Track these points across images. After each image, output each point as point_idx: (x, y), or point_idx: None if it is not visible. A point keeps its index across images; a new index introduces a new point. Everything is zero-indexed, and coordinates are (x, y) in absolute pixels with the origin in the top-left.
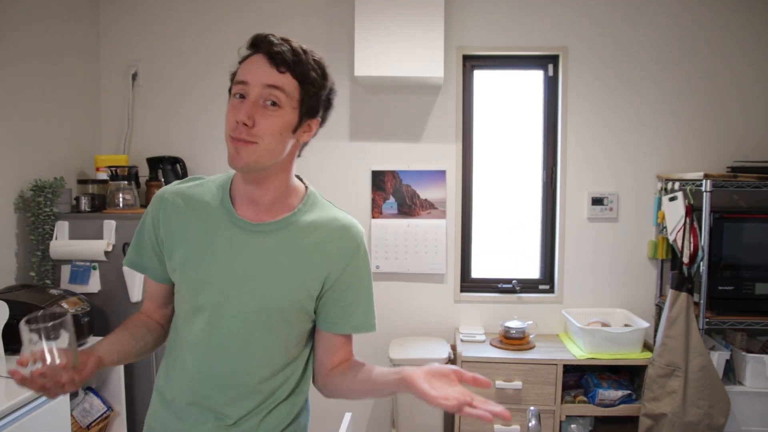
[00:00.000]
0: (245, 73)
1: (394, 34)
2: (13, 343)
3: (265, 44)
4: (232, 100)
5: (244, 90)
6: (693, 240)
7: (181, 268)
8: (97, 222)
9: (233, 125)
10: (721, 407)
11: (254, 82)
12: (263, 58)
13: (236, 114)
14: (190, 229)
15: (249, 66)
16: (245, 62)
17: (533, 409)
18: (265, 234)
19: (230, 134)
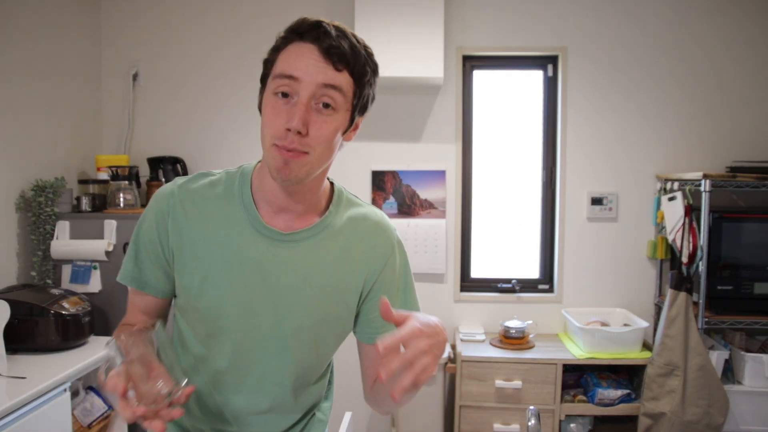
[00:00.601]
0: (294, 67)
1: (394, 34)
2: (14, 342)
3: (319, 34)
4: (273, 98)
5: (290, 87)
6: (692, 240)
7: (200, 285)
8: (97, 222)
9: (280, 132)
10: (720, 406)
11: (307, 79)
12: (315, 50)
13: (286, 119)
14: (208, 240)
15: (298, 58)
16: (289, 51)
17: (533, 409)
18: (297, 243)
19: (275, 142)
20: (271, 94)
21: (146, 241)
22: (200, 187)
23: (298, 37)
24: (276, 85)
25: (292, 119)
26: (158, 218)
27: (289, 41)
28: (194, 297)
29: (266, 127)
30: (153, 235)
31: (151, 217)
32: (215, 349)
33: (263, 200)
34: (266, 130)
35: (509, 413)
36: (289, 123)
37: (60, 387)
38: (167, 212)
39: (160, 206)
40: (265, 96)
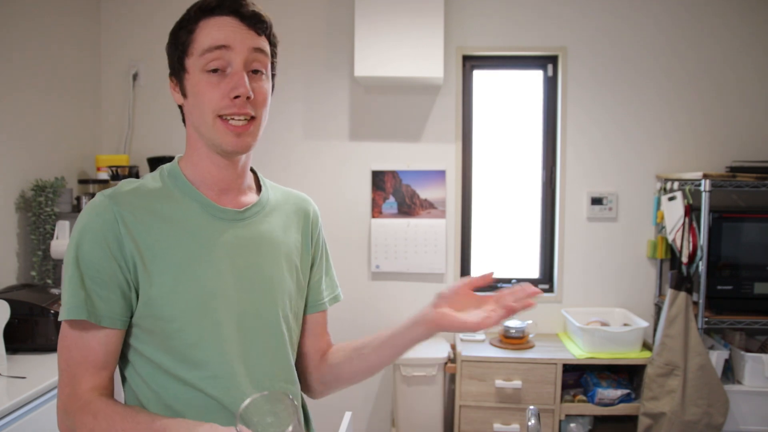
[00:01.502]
0: (223, 37)
1: (394, 34)
2: (14, 342)
3: (235, 4)
4: (205, 75)
5: (222, 59)
6: (692, 239)
7: (173, 288)
8: None
9: (225, 102)
10: (720, 406)
11: (239, 47)
12: (235, 19)
13: (229, 89)
14: (168, 239)
15: (222, 29)
16: (208, 26)
17: (533, 409)
18: (251, 219)
19: (221, 112)
20: (200, 72)
21: (94, 263)
22: (135, 190)
23: (210, 12)
24: (206, 60)
25: (238, 86)
26: (105, 233)
27: (199, 19)
28: (168, 304)
29: (206, 103)
30: (102, 254)
31: (93, 236)
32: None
33: (204, 186)
34: (207, 106)
35: (509, 413)
36: (237, 90)
37: None
38: (114, 223)
39: (102, 219)
40: (192, 77)
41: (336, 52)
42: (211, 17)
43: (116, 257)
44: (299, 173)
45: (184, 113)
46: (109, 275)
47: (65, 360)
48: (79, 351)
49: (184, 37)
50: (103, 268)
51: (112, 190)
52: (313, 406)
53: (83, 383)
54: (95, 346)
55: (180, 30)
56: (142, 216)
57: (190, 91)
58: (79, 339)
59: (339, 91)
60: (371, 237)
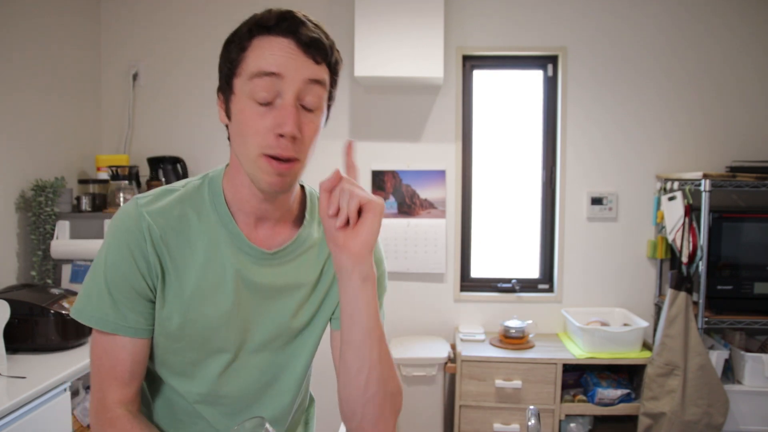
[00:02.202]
0: (273, 63)
1: (394, 34)
2: (14, 342)
3: (294, 25)
4: (252, 103)
5: (272, 87)
6: (692, 239)
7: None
8: (97, 222)
9: (269, 140)
10: (720, 406)
11: (291, 76)
12: (292, 43)
13: (275, 123)
14: (190, 262)
15: (275, 53)
16: (261, 47)
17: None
18: (283, 260)
19: (265, 152)
20: (247, 98)
21: (120, 274)
22: (168, 205)
23: (266, 30)
24: (254, 86)
25: (284, 123)
26: (133, 247)
27: (253, 36)
28: (178, 325)
29: (250, 135)
30: (128, 266)
31: (122, 249)
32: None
33: (240, 211)
34: (251, 139)
35: (509, 413)
36: (282, 128)
37: (60, 387)
38: (143, 238)
39: (131, 234)
40: (239, 101)
41: None
42: (267, 36)
43: (141, 269)
44: None
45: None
46: (135, 286)
47: (96, 366)
48: (108, 360)
49: (234, 54)
50: (129, 280)
51: (147, 201)
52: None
53: (111, 394)
54: (124, 356)
55: (232, 44)
56: (169, 237)
57: (234, 115)
58: (108, 348)
59: (339, 91)
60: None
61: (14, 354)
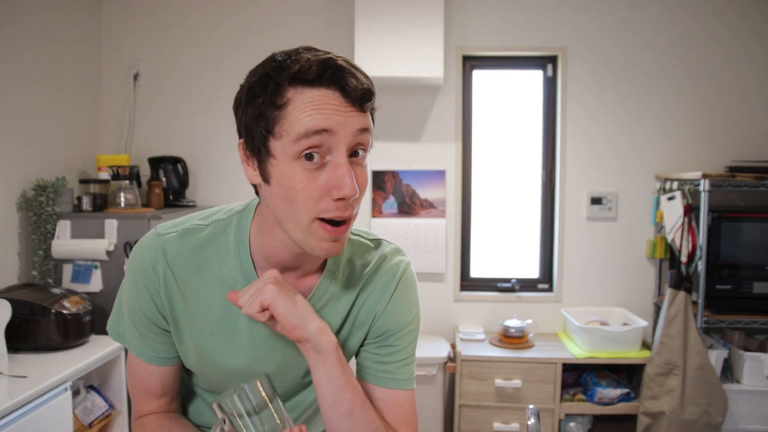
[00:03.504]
0: (324, 120)
1: (394, 35)
2: (15, 341)
3: (340, 75)
4: (300, 164)
5: (324, 144)
6: (691, 239)
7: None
8: (98, 221)
9: (328, 204)
10: (719, 405)
11: (343, 131)
12: (338, 94)
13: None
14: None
15: (322, 107)
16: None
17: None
18: None
19: (320, 216)
20: (292, 161)
21: (139, 311)
22: (190, 249)
23: (305, 83)
24: (302, 146)
25: (342, 185)
26: (150, 287)
27: (289, 88)
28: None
29: (303, 201)
30: (149, 305)
31: (140, 287)
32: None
33: (265, 261)
34: (303, 205)
35: (509, 412)
36: (342, 190)
37: (61, 386)
38: (158, 282)
39: (147, 275)
40: (282, 165)
41: (336, 52)
42: (308, 88)
43: (159, 307)
44: None
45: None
46: (155, 322)
47: (131, 384)
48: (140, 381)
49: (269, 112)
50: (149, 316)
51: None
52: None
53: (144, 408)
54: (153, 381)
55: (262, 98)
56: (186, 284)
57: (276, 180)
58: (139, 370)
59: None
60: None
61: (15, 353)
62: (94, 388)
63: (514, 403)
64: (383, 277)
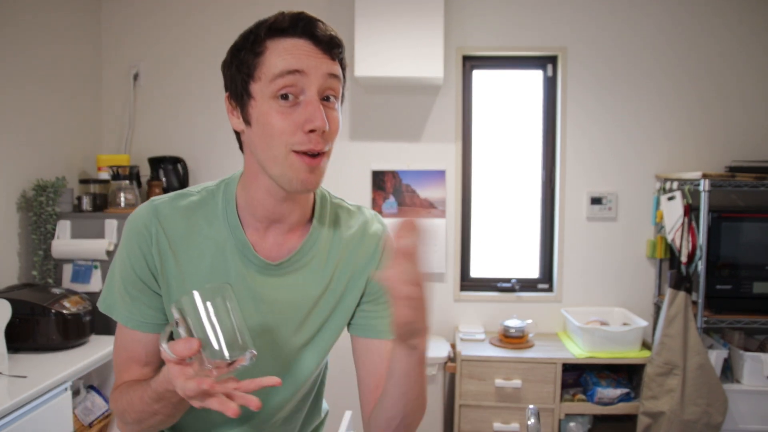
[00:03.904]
0: (297, 61)
1: (394, 35)
2: (15, 341)
3: (309, 26)
4: (276, 102)
5: (297, 84)
6: (691, 239)
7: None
8: (98, 221)
9: (301, 137)
10: (719, 405)
11: (314, 72)
12: (309, 42)
13: (304, 120)
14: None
15: (295, 52)
16: (279, 49)
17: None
18: (287, 270)
19: (295, 149)
20: (270, 99)
21: (134, 274)
22: (180, 210)
23: (281, 33)
24: (278, 86)
25: (313, 118)
26: (143, 248)
27: (267, 39)
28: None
29: (278, 134)
30: (140, 266)
31: (134, 248)
32: None
33: (252, 217)
34: (278, 139)
35: (509, 412)
36: (313, 122)
37: (61, 386)
38: (151, 241)
39: (141, 235)
40: (261, 104)
41: None
42: (282, 38)
43: (151, 268)
44: None
45: (241, 140)
46: (147, 283)
47: (116, 356)
48: (126, 351)
49: (250, 60)
50: (142, 277)
51: (160, 204)
52: None
53: (126, 377)
54: (139, 349)
55: (243, 50)
56: (178, 243)
57: (256, 120)
58: (124, 340)
59: None
60: None
61: (15, 353)
62: (94, 388)
63: (514, 403)
64: (370, 240)
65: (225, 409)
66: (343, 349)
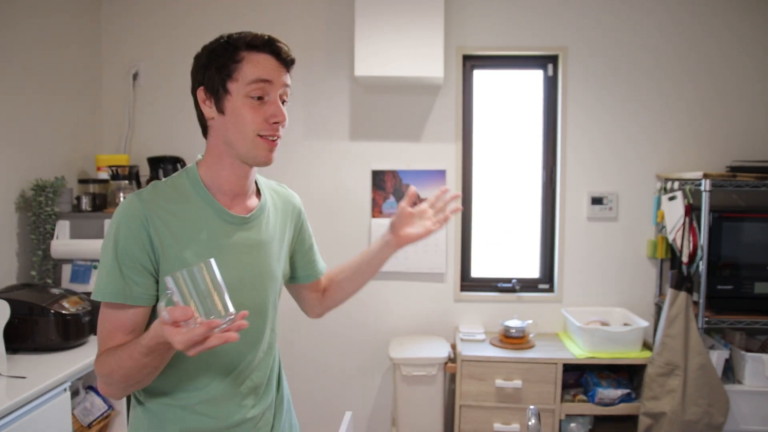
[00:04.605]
0: (267, 73)
1: (394, 34)
2: (14, 342)
3: (275, 47)
4: (249, 100)
5: (265, 89)
6: (692, 239)
7: None
8: (97, 221)
9: (267, 126)
10: (720, 406)
11: (277, 82)
12: (274, 59)
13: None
14: (186, 239)
15: (266, 66)
16: (253, 61)
17: (533, 408)
18: (254, 222)
19: (261, 133)
20: (245, 97)
21: (129, 254)
22: (161, 193)
23: (255, 49)
24: (252, 89)
25: (277, 114)
26: (138, 229)
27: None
28: None
29: (249, 123)
30: (135, 246)
31: (128, 231)
32: None
33: (219, 192)
34: (249, 126)
35: (509, 413)
36: (277, 117)
37: (60, 387)
38: (145, 222)
39: (135, 218)
40: (235, 99)
41: (336, 52)
42: (255, 52)
43: (146, 249)
44: (300, 173)
45: (209, 126)
46: (141, 263)
47: (101, 330)
48: (112, 323)
49: (229, 64)
50: (137, 258)
51: (144, 193)
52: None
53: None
54: (125, 319)
55: (223, 57)
56: (164, 217)
57: (230, 111)
58: (112, 315)
59: (339, 91)
60: (372, 237)
61: (14, 354)
62: (93, 389)
63: (514, 403)
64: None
65: (224, 339)
66: (343, 348)
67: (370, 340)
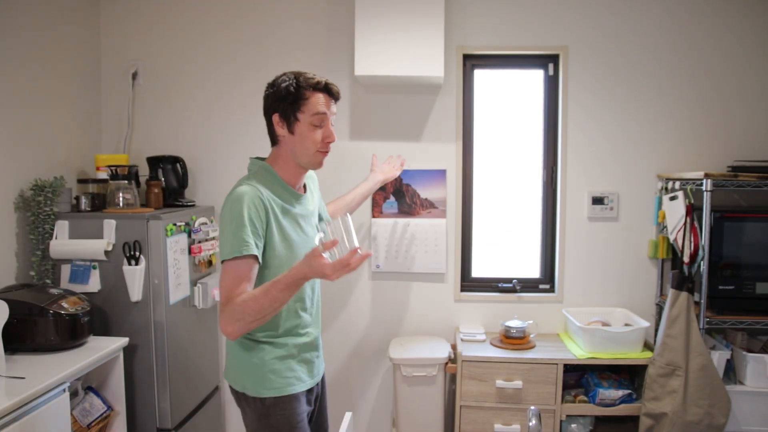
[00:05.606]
0: (325, 109)
1: (394, 34)
2: (13, 342)
3: (330, 89)
4: (312, 126)
5: (323, 119)
6: (693, 239)
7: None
8: (97, 221)
9: (323, 144)
10: (722, 407)
11: (329, 114)
12: (328, 97)
13: (325, 136)
14: (280, 216)
15: (324, 102)
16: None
17: (533, 409)
18: (307, 197)
19: (319, 150)
20: (309, 124)
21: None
22: (260, 185)
23: (318, 88)
24: (314, 119)
25: (330, 136)
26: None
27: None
28: (279, 255)
29: (311, 142)
30: (258, 218)
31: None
32: None
33: (289, 182)
34: (311, 144)
35: (510, 413)
36: (331, 138)
37: (59, 387)
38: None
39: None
40: (303, 125)
41: (336, 52)
42: (317, 92)
43: (263, 221)
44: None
45: (279, 140)
46: (261, 231)
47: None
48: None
49: (299, 99)
50: (260, 227)
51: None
52: None
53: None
54: (248, 271)
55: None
56: (269, 203)
57: (298, 133)
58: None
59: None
60: (372, 237)
61: (13, 354)
62: (92, 389)
63: (515, 404)
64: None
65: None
66: (343, 349)
67: (370, 341)
